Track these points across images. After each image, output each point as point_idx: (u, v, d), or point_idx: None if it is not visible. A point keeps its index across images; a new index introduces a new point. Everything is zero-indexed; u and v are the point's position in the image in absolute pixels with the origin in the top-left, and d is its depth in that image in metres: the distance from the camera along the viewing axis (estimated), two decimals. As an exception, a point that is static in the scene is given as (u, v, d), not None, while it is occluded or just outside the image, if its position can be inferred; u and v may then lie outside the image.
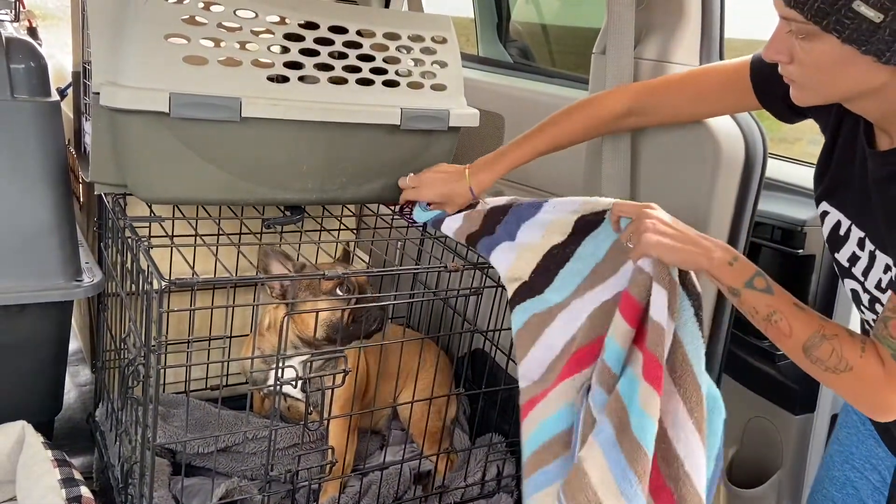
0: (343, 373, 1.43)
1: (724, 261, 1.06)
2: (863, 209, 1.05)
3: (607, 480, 1.08)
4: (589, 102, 1.44)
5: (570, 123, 1.44)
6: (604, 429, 1.11)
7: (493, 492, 1.76)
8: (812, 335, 0.99)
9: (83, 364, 2.44)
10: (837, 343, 0.98)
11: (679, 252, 1.07)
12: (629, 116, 1.41)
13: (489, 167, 1.47)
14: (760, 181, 1.43)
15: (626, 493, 1.07)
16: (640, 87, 1.41)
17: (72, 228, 1.63)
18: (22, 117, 1.55)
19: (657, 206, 1.15)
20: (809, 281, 1.62)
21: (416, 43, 1.57)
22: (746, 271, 1.05)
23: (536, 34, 3.06)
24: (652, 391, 1.07)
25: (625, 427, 1.08)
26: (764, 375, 1.66)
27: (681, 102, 1.37)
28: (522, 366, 1.35)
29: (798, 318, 1.01)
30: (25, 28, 2.70)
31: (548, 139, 1.45)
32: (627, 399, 1.10)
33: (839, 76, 0.94)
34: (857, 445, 1.24)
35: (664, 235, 1.08)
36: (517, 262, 1.38)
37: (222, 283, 1.30)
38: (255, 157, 1.46)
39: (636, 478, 1.06)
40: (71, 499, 1.41)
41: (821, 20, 0.88)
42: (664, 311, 1.08)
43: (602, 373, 1.15)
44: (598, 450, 1.09)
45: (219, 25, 1.40)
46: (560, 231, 1.33)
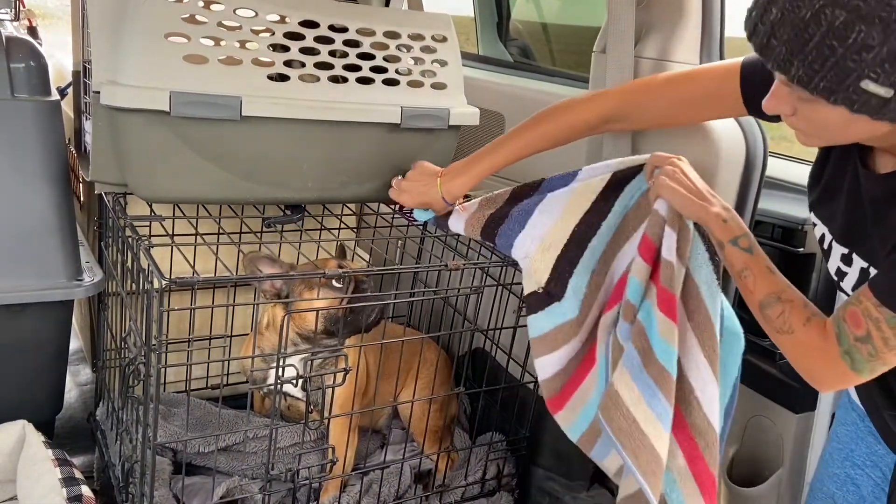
0: (343, 371, 1.43)
1: (719, 217, 1.14)
2: (850, 227, 1.06)
3: (637, 400, 1.17)
4: (567, 108, 1.40)
5: (547, 128, 1.41)
6: (631, 355, 1.20)
7: (493, 490, 1.77)
8: (769, 294, 1.07)
9: (84, 363, 2.45)
10: (789, 307, 1.05)
11: (683, 200, 1.16)
12: (611, 123, 1.39)
13: (462, 174, 1.44)
14: (761, 180, 1.43)
15: (655, 409, 1.17)
16: (621, 93, 1.38)
17: (72, 228, 1.63)
18: (22, 116, 1.55)
19: (684, 159, 1.22)
20: (810, 279, 1.62)
21: (417, 41, 1.57)
22: (736, 230, 1.13)
23: (537, 33, 3.06)
24: (667, 321, 1.16)
25: (648, 352, 1.18)
26: (764, 374, 1.65)
27: (663, 109, 1.35)
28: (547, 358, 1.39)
29: (765, 278, 1.09)
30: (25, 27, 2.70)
31: (524, 144, 1.42)
32: (647, 327, 1.20)
33: (848, 131, 0.94)
34: (856, 442, 1.24)
35: (676, 182, 1.17)
36: (550, 231, 1.38)
37: (223, 282, 1.30)
38: (256, 156, 1.46)
39: (664, 396, 1.16)
40: (72, 498, 1.41)
41: (828, 96, 0.87)
42: (674, 251, 1.18)
43: (626, 308, 1.24)
44: (626, 374, 1.19)
45: (219, 24, 1.40)
46: (592, 191, 1.34)
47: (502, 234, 1.41)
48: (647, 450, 1.16)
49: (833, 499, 1.26)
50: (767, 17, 0.88)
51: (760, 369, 1.66)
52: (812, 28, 0.84)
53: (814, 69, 0.86)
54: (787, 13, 0.85)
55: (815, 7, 0.83)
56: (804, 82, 0.88)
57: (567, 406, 1.41)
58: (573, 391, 1.39)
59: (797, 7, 0.84)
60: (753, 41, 0.91)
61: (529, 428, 1.78)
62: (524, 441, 1.79)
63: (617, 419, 1.18)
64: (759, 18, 0.89)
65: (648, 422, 1.17)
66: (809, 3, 0.83)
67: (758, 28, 0.89)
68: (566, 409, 1.41)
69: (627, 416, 1.17)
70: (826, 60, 0.84)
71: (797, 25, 0.85)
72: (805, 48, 0.85)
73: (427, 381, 1.73)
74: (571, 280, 1.36)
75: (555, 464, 1.78)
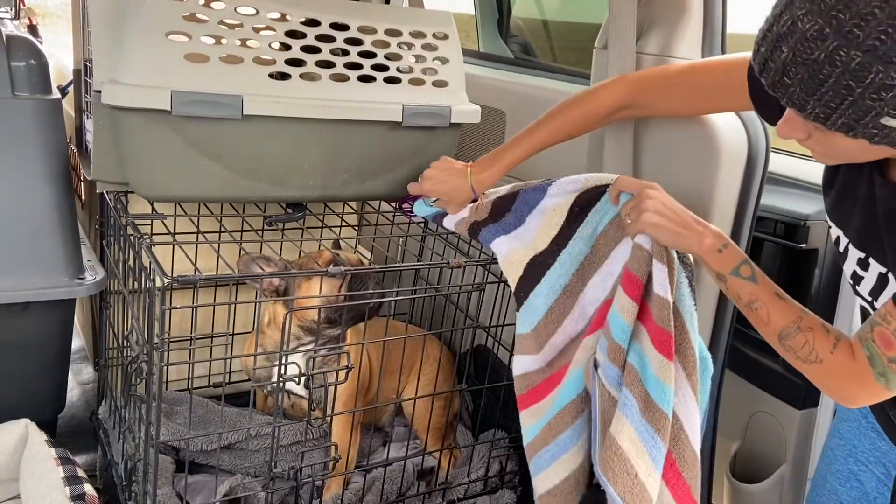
0: (346, 369, 1.43)
1: (714, 247, 1.12)
2: (866, 233, 1.05)
3: (640, 452, 1.16)
4: (586, 97, 1.43)
5: (567, 118, 1.44)
6: (628, 403, 1.18)
7: (496, 488, 1.76)
8: (788, 325, 1.05)
9: (86, 362, 2.45)
10: (811, 336, 1.03)
11: (672, 235, 1.14)
12: (625, 109, 1.42)
13: (490, 166, 1.48)
14: (763, 175, 1.43)
15: (654, 457, 1.16)
16: (636, 81, 1.40)
17: (74, 226, 1.63)
18: (23, 115, 1.54)
19: (658, 186, 1.19)
20: (812, 275, 1.62)
21: (418, 39, 1.56)
22: (734, 259, 1.10)
23: (537, 30, 3.05)
24: (663, 360, 1.15)
25: (646, 399, 1.16)
26: (767, 370, 1.65)
27: (676, 98, 1.36)
28: (524, 359, 1.41)
29: (777, 307, 1.06)
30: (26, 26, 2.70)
31: (546, 134, 1.45)
32: (640, 370, 1.18)
33: (867, 155, 0.93)
34: (859, 439, 1.24)
35: (661, 216, 1.15)
36: (517, 252, 1.42)
37: (224, 280, 1.30)
38: (257, 155, 1.46)
39: (661, 439, 1.16)
40: (75, 496, 1.41)
41: (846, 132, 0.86)
42: (667, 286, 1.15)
43: (612, 349, 1.21)
44: (627, 424, 1.17)
45: (220, 23, 1.40)
46: (561, 213, 1.36)
47: (483, 235, 1.48)
48: (640, 490, 1.16)
49: (836, 495, 1.26)
50: (778, 55, 0.85)
51: (763, 365, 1.66)
52: (827, 69, 0.81)
53: (831, 108, 0.84)
54: (798, 54, 0.83)
55: (828, 49, 0.80)
56: (821, 119, 0.86)
57: (527, 411, 1.42)
58: (536, 400, 1.41)
59: (809, 49, 0.82)
60: (764, 78, 0.89)
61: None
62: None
63: (622, 477, 1.16)
64: (769, 56, 0.87)
65: (649, 473, 1.16)
66: (822, 45, 0.81)
67: (768, 65, 0.87)
68: (526, 412, 1.42)
69: (630, 471, 1.16)
70: (844, 100, 0.82)
71: (811, 67, 0.82)
72: (820, 89, 0.83)
73: (430, 377, 1.73)
74: (527, 301, 1.42)
75: (557, 461, 1.78)
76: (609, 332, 1.22)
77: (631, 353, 1.21)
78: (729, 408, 1.23)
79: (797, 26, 0.83)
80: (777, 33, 0.85)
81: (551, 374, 1.40)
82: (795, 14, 0.83)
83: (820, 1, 0.81)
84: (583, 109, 1.42)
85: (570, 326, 1.38)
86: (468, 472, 1.73)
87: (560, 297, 1.39)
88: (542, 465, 1.38)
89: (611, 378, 1.22)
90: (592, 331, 1.31)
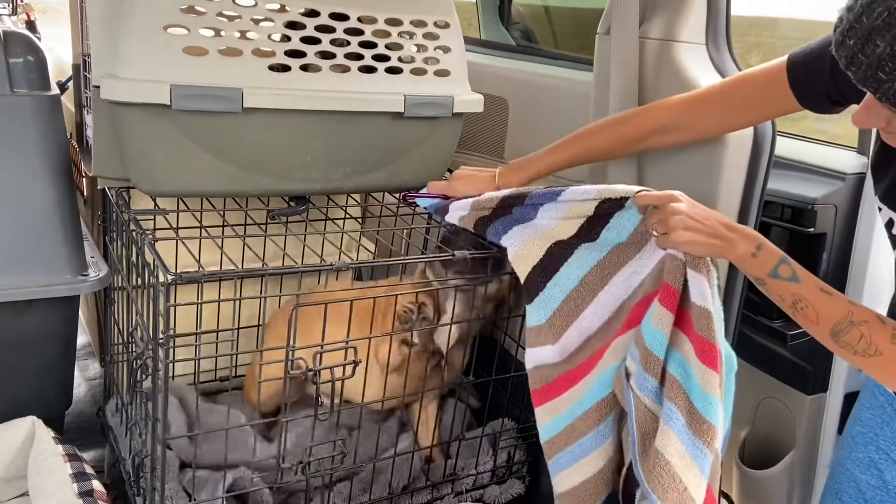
0: (353, 364, 1.43)
1: (747, 253, 1.09)
2: None
3: (689, 465, 1.14)
4: (625, 118, 1.41)
5: (600, 140, 1.42)
6: (673, 416, 1.16)
7: (504, 478, 1.76)
8: (840, 321, 1.01)
9: (92, 358, 2.45)
10: (867, 329, 0.99)
11: (705, 247, 1.12)
12: (662, 133, 1.37)
13: (518, 172, 1.47)
14: (770, 159, 1.41)
15: (702, 467, 1.15)
16: (675, 104, 1.36)
17: (76, 223, 1.63)
18: (22, 112, 1.53)
19: (682, 197, 1.17)
20: (821, 259, 1.61)
21: (419, 28, 1.55)
22: (770, 261, 1.07)
23: (539, 16, 3.03)
24: (708, 371, 1.12)
25: (692, 409, 1.14)
26: (776, 356, 1.65)
27: (718, 116, 1.33)
28: (538, 351, 1.40)
29: (824, 304, 1.03)
30: (24, 22, 2.69)
31: (577, 152, 1.44)
32: (683, 381, 1.16)
33: None
34: (881, 427, 1.22)
35: (691, 231, 1.11)
36: (533, 242, 1.39)
37: (229, 275, 1.29)
38: (258, 148, 1.45)
39: (707, 448, 1.14)
40: (83, 493, 1.41)
41: None
42: (706, 295, 1.12)
43: (645, 359, 1.19)
44: (675, 438, 1.15)
45: (218, 15, 1.38)
46: (580, 215, 1.33)
47: (490, 232, 1.44)
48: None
49: (856, 483, 1.25)
50: (871, 49, 0.82)
51: (772, 351, 1.65)
52: None
53: None
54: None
55: None
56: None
57: (544, 407, 1.41)
58: (553, 396, 1.40)
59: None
60: (853, 72, 0.86)
61: (539, 415, 1.78)
62: (534, 428, 1.78)
63: (672, 493, 1.15)
64: (860, 49, 0.84)
65: (698, 484, 1.15)
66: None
67: (858, 59, 0.84)
68: (543, 408, 1.42)
69: (679, 485, 1.14)
70: None
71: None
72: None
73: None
74: (542, 292, 1.39)
75: (565, 450, 1.78)
76: (642, 342, 1.20)
77: (671, 363, 1.18)
78: (738, 394, 1.22)
79: (895, 19, 0.80)
80: (870, 26, 0.82)
81: (569, 369, 1.38)
82: (891, 6, 0.80)
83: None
84: (620, 131, 1.40)
85: (588, 321, 1.36)
86: (476, 463, 1.73)
87: (577, 287, 1.37)
88: (563, 464, 1.37)
89: (646, 390, 1.20)
90: (624, 331, 1.28)
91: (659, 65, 1.48)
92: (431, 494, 1.67)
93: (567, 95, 1.80)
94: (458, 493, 1.69)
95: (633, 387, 1.22)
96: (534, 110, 1.87)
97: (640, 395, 1.21)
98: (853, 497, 1.25)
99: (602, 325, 1.36)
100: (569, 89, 1.81)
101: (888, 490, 1.20)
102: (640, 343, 1.21)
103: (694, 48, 1.47)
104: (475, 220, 1.45)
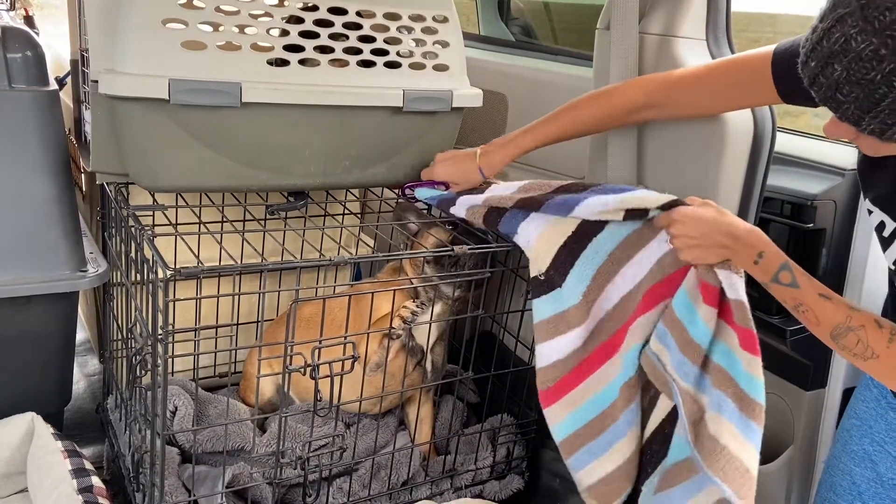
0: (352, 359, 1.43)
1: (749, 260, 1.13)
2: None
3: (743, 446, 1.18)
4: (606, 93, 1.42)
5: (584, 113, 1.43)
6: (722, 403, 1.21)
7: (504, 473, 1.76)
8: (838, 325, 1.05)
9: (91, 354, 2.45)
10: (864, 333, 1.03)
11: (713, 257, 1.19)
12: (646, 109, 1.39)
13: (501, 150, 1.48)
14: (769, 155, 1.41)
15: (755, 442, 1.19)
16: (659, 80, 1.38)
17: (75, 218, 1.62)
18: (20, 107, 1.53)
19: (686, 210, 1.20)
20: (820, 255, 1.60)
21: (418, 23, 1.54)
22: (771, 267, 1.11)
23: (538, 11, 3.02)
24: (751, 357, 1.18)
25: (741, 396, 1.19)
26: (775, 352, 1.64)
27: (701, 97, 1.34)
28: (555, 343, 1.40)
29: (824, 308, 1.06)
30: (21, 17, 2.68)
31: (561, 127, 1.45)
32: (730, 368, 1.21)
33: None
34: (875, 419, 1.23)
35: (696, 248, 1.19)
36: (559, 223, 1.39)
37: (227, 271, 1.29)
38: (257, 143, 1.44)
39: (757, 425, 1.19)
40: (82, 489, 1.41)
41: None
42: (738, 288, 1.17)
43: (688, 348, 1.25)
44: (726, 422, 1.20)
45: (217, 9, 1.38)
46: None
47: (505, 221, 1.43)
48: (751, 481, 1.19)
49: (850, 475, 1.25)
50: (830, 72, 0.84)
51: (771, 347, 1.65)
52: (883, 89, 0.81)
53: (887, 124, 0.83)
54: (852, 73, 0.82)
55: (885, 70, 0.80)
56: (876, 133, 0.86)
57: (559, 403, 1.41)
58: (569, 390, 1.40)
59: (864, 69, 0.81)
60: (814, 91, 0.88)
61: (538, 411, 1.77)
62: (533, 424, 1.79)
63: (731, 473, 1.19)
64: (820, 71, 0.86)
65: (753, 458, 1.19)
66: (878, 66, 0.80)
67: (819, 80, 0.86)
68: (558, 405, 1.41)
69: (740, 466, 1.18)
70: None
71: (866, 87, 0.82)
72: (876, 108, 0.82)
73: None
74: (573, 270, 1.38)
75: (565, 445, 1.78)
76: (682, 331, 1.25)
77: (716, 353, 1.23)
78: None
79: (850, 45, 0.81)
80: (829, 49, 0.84)
81: (585, 357, 1.39)
82: (848, 32, 0.81)
83: (874, 19, 0.79)
84: (602, 105, 1.41)
85: (607, 301, 1.38)
86: (476, 459, 1.73)
87: (606, 262, 1.36)
88: (593, 455, 1.40)
89: (688, 377, 1.25)
90: (644, 311, 1.32)
91: (659, 60, 1.48)
92: (431, 490, 1.67)
93: (566, 91, 1.79)
94: (457, 488, 1.69)
95: (673, 376, 1.27)
96: (533, 106, 1.87)
97: (682, 383, 1.26)
98: (848, 490, 1.25)
99: (617, 304, 1.37)
100: (568, 85, 1.80)
101: (882, 482, 1.21)
102: (678, 330, 1.25)
103: (694, 43, 1.47)
104: (485, 213, 1.44)
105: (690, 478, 1.28)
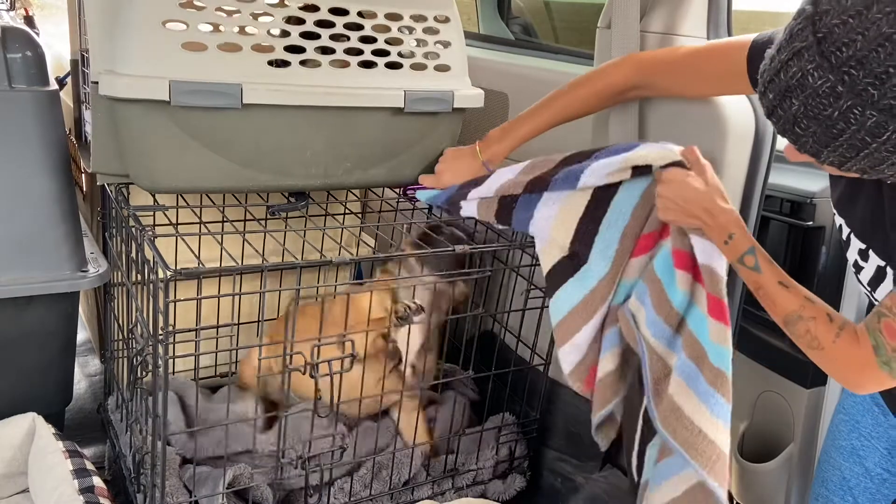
0: (351, 357, 1.43)
1: (720, 239, 1.16)
2: (869, 225, 1.05)
3: (698, 407, 1.22)
4: (594, 76, 1.44)
5: (576, 97, 1.45)
6: (684, 364, 1.25)
7: (505, 473, 1.76)
8: (790, 313, 1.07)
9: (92, 354, 2.45)
10: (813, 325, 1.05)
11: (684, 223, 1.22)
12: (634, 90, 1.42)
13: (499, 141, 1.49)
14: (770, 154, 1.41)
15: (715, 411, 1.22)
16: (644, 61, 1.39)
17: (75, 219, 1.62)
18: (21, 108, 1.53)
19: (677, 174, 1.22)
20: (819, 253, 1.60)
21: (419, 23, 1.54)
22: (739, 249, 1.13)
23: (538, 10, 3.02)
24: (719, 325, 1.21)
25: (702, 358, 1.23)
26: (775, 349, 1.65)
27: (683, 81, 1.36)
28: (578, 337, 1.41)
29: (781, 295, 1.09)
30: (22, 17, 2.68)
31: (554, 112, 1.46)
32: (699, 334, 1.25)
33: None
34: (862, 414, 1.25)
35: (672, 212, 1.22)
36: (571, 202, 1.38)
37: (228, 271, 1.29)
38: (258, 144, 1.44)
39: (722, 396, 1.21)
40: (83, 489, 1.41)
41: (861, 174, 0.86)
42: (711, 252, 1.21)
43: (663, 308, 1.28)
44: (683, 384, 1.24)
45: (217, 9, 1.38)
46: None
47: (519, 207, 1.41)
48: (713, 451, 1.21)
49: (840, 471, 1.27)
50: (788, 106, 0.83)
51: (770, 344, 1.65)
52: (841, 125, 0.80)
53: (845, 157, 0.83)
54: (809, 108, 0.81)
55: (842, 107, 0.79)
56: (835, 165, 0.85)
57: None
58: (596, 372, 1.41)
59: (821, 105, 0.80)
60: (773, 122, 0.88)
61: (540, 410, 1.78)
62: (535, 423, 1.79)
63: (681, 431, 1.22)
64: (778, 104, 0.85)
65: (713, 427, 1.21)
66: (835, 102, 0.79)
67: (777, 113, 0.86)
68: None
69: (691, 427, 1.21)
70: (859, 152, 0.81)
71: (824, 122, 0.81)
72: (834, 142, 0.82)
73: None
74: (598, 237, 1.36)
75: (566, 445, 1.78)
76: (661, 291, 1.27)
77: (690, 317, 1.26)
78: (737, 387, 1.23)
79: (807, 80, 0.80)
80: (785, 84, 0.83)
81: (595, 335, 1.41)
82: (805, 67, 0.80)
83: (830, 55, 0.78)
84: (592, 88, 1.43)
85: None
86: (477, 458, 1.73)
87: (630, 222, 1.35)
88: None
89: (661, 337, 1.28)
90: (638, 253, 1.34)
91: (659, 59, 1.48)
92: (432, 490, 1.67)
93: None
94: (459, 488, 1.69)
95: (643, 334, 1.29)
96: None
97: (651, 341, 1.28)
98: (838, 485, 1.27)
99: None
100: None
101: (870, 477, 1.22)
102: (656, 290, 1.28)
103: (695, 42, 1.47)
104: (496, 207, 1.44)
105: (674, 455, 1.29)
